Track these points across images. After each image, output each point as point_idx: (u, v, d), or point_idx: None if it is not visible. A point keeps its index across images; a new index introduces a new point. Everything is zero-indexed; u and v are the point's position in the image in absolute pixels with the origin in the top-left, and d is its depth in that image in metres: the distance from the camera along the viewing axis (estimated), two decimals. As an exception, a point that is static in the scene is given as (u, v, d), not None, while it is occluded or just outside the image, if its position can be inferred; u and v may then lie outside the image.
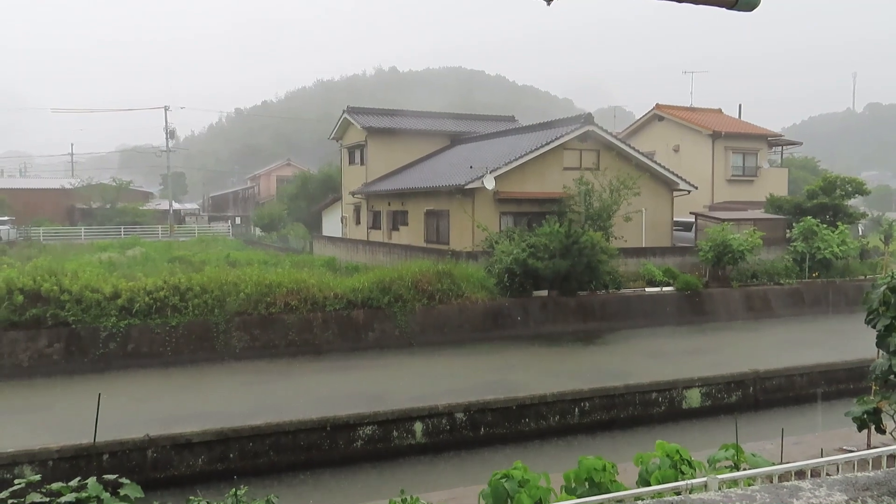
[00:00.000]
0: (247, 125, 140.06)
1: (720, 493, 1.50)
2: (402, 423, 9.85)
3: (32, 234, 53.06)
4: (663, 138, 36.74)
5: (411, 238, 29.00)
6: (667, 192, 27.58)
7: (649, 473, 5.07)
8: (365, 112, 36.42)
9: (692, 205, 29.86)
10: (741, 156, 35.69)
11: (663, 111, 37.27)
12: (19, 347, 15.00)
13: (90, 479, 4.25)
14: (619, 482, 4.94)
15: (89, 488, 4.16)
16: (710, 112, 38.70)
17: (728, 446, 5.51)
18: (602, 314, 20.04)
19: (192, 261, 27.04)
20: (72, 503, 4.09)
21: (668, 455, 5.17)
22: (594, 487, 4.95)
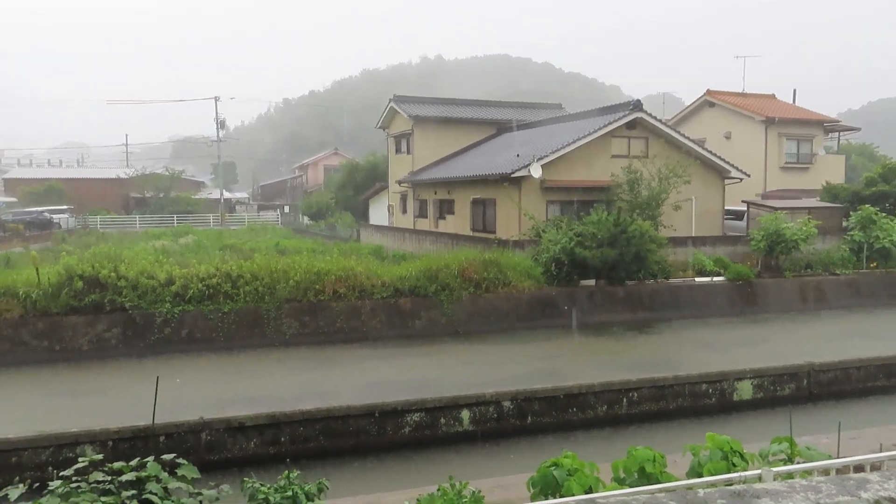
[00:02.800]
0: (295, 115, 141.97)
1: (784, 484, 1.47)
2: (450, 411, 9.91)
3: (90, 223, 54.93)
4: (714, 125, 35.87)
5: (458, 227, 29.03)
6: (718, 180, 26.96)
7: (700, 465, 5.01)
8: (411, 101, 36.51)
9: (744, 193, 29.11)
10: (795, 142, 34.62)
11: (714, 97, 36.37)
12: (79, 332, 15.57)
13: (149, 459, 4.39)
14: (669, 473, 4.89)
15: (148, 468, 4.31)
16: (762, 97, 37.61)
17: (781, 439, 5.39)
18: (650, 304, 19.75)
19: (242, 249, 27.62)
20: (132, 482, 4.23)
21: (720, 447, 5.10)
22: (644, 478, 4.91)
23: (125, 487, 4.13)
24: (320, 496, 4.73)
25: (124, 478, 4.19)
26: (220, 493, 4.29)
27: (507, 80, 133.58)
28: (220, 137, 65.27)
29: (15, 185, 67.41)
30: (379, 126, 39.19)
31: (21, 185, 65.49)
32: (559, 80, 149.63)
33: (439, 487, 5.06)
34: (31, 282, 15.95)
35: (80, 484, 4.03)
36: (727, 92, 37.11)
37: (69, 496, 3.90)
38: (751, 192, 30.38)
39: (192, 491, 4.24)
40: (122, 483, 4.17)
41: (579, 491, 4.75)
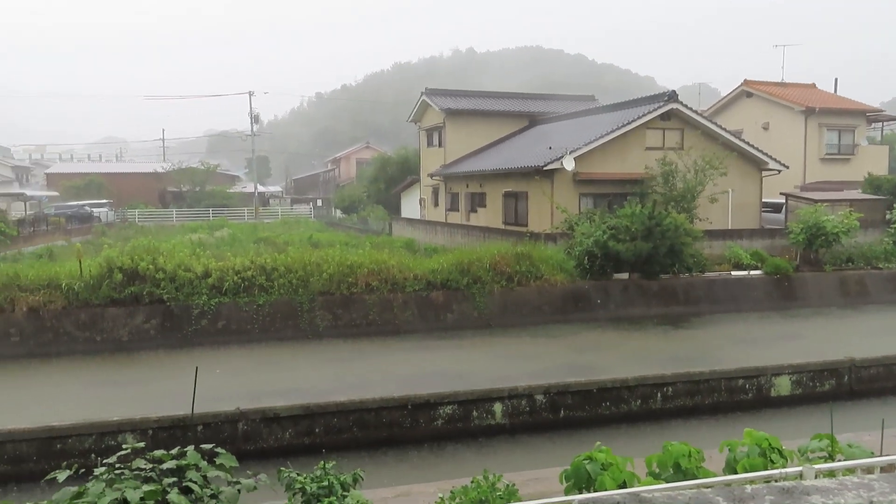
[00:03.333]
0: (327, 109, 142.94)
1: (834, 481, 1.44)
2: (482, 404, 9.92)
3: (128, 216, 56.07)
4: (752, 116, 35.19)
5: (489, 220, 28.98)
6: (755, 171, 26.46)
7: (737, 461, 4.94)
8: (443, 94, 36.47)
9: (782, 185, 28.55)
10: (837, 133, 33.81)
11: (752, 87, 35.66)
12: (119, 323, 15.93)
13: (189, 448, 4.48)
14: (705, 469, 4.84)
15: (188, 457, 4.39)
16: (802, 87, 36.76)
17: (821, 436, 5.29)
18: (685, 298, 19.50)
19: (276, 242, 27.96)
20: (173, 469, 4.32)
21: (757, 443, 5.02)
22: (679, 473, 4.86)
23: (166, 475, 4.22)
24: (355, 486, 4.78)
25: (165, 466, 4.28)
26: (257, 482, 4.36)
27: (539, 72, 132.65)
28: (254, 132, 66.01)
29: (57, 179, 69.14)
30: (411, 119, 39.25)
31: (62, 179, 67.15)
32: (592, 71, 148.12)
33: (473, 480, 5.07)
34: (73, 274, 16.36)
35: (123, 471, 4.13)
36: (765, 82, 36.36)
37: (113, 482, 3.99)
38: (789, 184, 29.79)
39: (230, 479, 4.31)
40: (163, 471, 4.26)
41: (613, 485, 4.73)
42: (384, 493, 6.55)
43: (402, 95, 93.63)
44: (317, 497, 4.53)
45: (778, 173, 26.89)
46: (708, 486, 4.10)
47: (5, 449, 8.55)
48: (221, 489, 4.23)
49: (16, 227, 30.90)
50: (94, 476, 4.06)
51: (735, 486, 4.07)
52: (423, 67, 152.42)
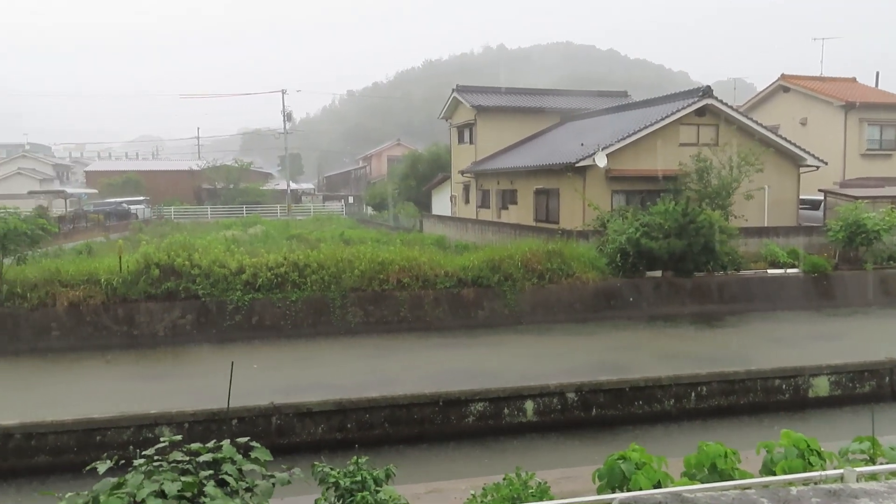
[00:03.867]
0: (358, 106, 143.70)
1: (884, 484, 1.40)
2: (513, 401, 9.90)
3: (164, 213, 57.08)
4: (789, 111, 34.46)
5: (520, 217, 28.88)
6: (792, 168, 25.94)
7: (774, 463, 4.85)
8: (474, 90, 36.42)
9: (821, 181, 27.91)
10: (878, 128, 32.92)
11: (789, 82, 34.92)
12: (156, 318, 16.24)
13: (224, 442, 4.54)
14: (742, 470, 4.76)
15: (224, 450, 4.45)
16: (842, 81, 35.87)
17: (862, 438, 5.17)
18: (720, 296, 19.20)
19: (308, 238, 28.19)
20: (209, 462, 4.39)
21: (795, 445, 4.93)
22: (715, 474, 4.80)
23: (202, 468, 4.28)
24: (388, 482, 4.81)
25: (201, 458, 4.35)
26: (291, 476, 4.40)
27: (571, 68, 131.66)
28: (286, 130, 66.67)
29: (95, 177, 70.69)
30: (442, 116, 39.26)
31: (101, 177, 68.62)
32: (625, 67, 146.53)
33: (505, 477, 5.07)
34: (112, 270, 16.71)
35: (161, 463, 4.21)
36: (803, 76, 35.57)
37: (151, 474, 4.07)
38: (828, 180, 29.10)
39: (264, 473, 4.37)
40: (199, 463, 4.32)
41: (647, 485, 4.68)
42: (416, 488, 6.58)
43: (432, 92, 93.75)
44: (350, 492, 4.56)
45: (816, 169, 26.32)
46: (747, 487, 4.03)
47: (47, 440, 8.77)
48: (256, 482, 4.28)
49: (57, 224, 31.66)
50: (133, 468, 4.15)
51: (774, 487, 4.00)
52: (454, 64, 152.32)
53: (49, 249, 22.36)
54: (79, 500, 3.88)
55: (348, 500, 4.53)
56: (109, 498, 3.83)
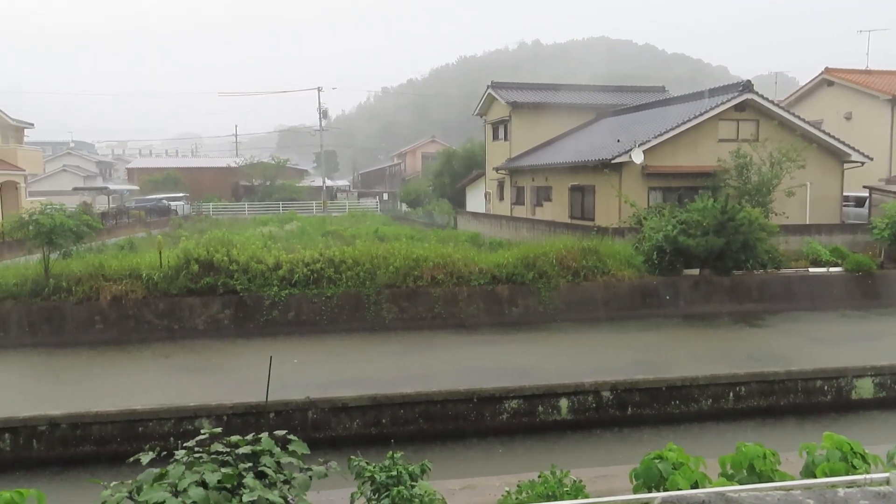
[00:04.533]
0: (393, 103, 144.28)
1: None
2: (548, 399, 9.86)
3: (203, 209, 58.07)
4: (833, 105, 33.60)
5: (555, 214, 28.72)
6: (836, 164, 25.29)
7: (816, 465, 4.76)
8: (509, 87, 36.28)
9: (866, 178, 27.17)
10: (928, 122, 31.87)
11: (833, 75, 34.04)
12: (195, 312, 16.55)
13: (263, 435, 4.62)
14: (782, 471, 4.68)
15: (263, 443, 4.53)
16: (889, 74, 34.81)
17: (909, 442, 5.04)
18: (759, 295, 18.84)
19: (343, 235, 28.46)
20: (248, 455, 4.47)
21: (838, 447, 4.82)
22: (754, 475, 4.72)
23: (242, 460, 4.37)
24: (423, 477, 4.84)
25: (241, 451, 4.43)
26: (328, 470, 4.46)
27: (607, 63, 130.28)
28: (322, 126, 67.28)
29: (137, 174, 72.31)
30: (476, 113, 39.22)
31: (142, 174, 70.17)
32: (662, 61, 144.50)
33: (540, 475, 5.06)
34: (153, 265, 17.08)
35: (202, 454, 4.30)
36: (848, 69, 34.64)
37: (192, 465, 4.16)
38: (873, 177, 28.31)
39: (302, 466, 4.43)
40: (238, 455, 4.41)
41: (685, 485, 4.62)
42: (450, 484, 6.60)
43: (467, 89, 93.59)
44: (385, 486, 4.61)
45: (861, 165, 25.62)
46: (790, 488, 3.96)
47: (92, 430, 9.02)
48: (294, 475, 4.35)
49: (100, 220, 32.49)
50: (174, 459, 4.25)
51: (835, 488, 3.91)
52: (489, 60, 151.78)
53: (93, 245, 22.94)
54: (123, 489, 3.99)
55: (384, 494, 4.58)
56: (152, 487, 3.93)
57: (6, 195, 41.54)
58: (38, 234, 16.77)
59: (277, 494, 3.97)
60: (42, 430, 8.92)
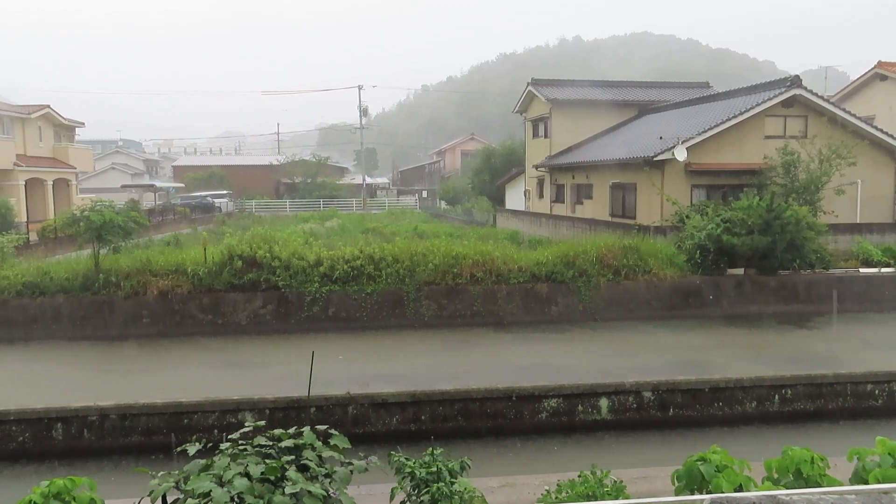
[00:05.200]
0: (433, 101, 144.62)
1: None
2: (587, 398, 9.78)
3: (246, 206, 59.06)
4: (886, 101, 32.49)
5: (595, 212, 28.44)
6: (889, 161, 24.49)
7: (867, 471, 4.62)
8: (549, 84, 36.02)
9: (921, 175, 26.22)
10: None
11: (886, 69, 32.92)
12: (239, 308, 16.86)
13: (305, 429, 4.69)
14: (830, 476, 4.56)
15: (304, 436, 4.60)
16: (948, 67, 33.54)
17: (967, 449, 4.85)
18: (807, 296, 18.37)
19: (383, 232, 28.63)
20: (290, 448, 4.54)
21: (890, 453, 4.68)
22: (801, 480, 4.61)
23: (284, 453, 4.44)
24: (462, 474, 4.85)
25: (283, 444, 4.51)
26: (368, 465, 4.51)
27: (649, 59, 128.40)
28: (362, 124, 67.79)
29: (182, 171, 73.87)
30: (516, 110, 39.04)
31: (187, 171, 71.64)
32: (706, 56, 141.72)
33: (580, 474, 5.03)
34: (198, 261, 17.45)
35: (245, 447, 4.38)
36: (902, 63, 33.46)
37: (237, 457, 4.25)
38: (929, 174, 27.32)
39: (342, 460, 4.48)
40: (281, 449, 4.48)
41: (729, 488, 4.54)
42: (489, 482, 6.60)
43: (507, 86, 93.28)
44: (425, 482, 4.63)
45: (916, 163, 24.78)
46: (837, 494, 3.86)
47: (139, 421, 9.27)
48: (335, 469, 4.40)
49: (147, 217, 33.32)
50: (219, 450, 4.34)
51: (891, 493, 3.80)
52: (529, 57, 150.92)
53: (140, 241, 23.54)
54: (170, 479, 4.09)
55: (424, 490, 4.60)
56: (198, 477, 4.02)
57: (59, 192, 42.89)
58: (89, 231, 17.27)
59: (319, 487, 4.02)
60: (92, 420, 9.20)
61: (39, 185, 40.65)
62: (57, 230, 28.21)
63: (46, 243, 27.53)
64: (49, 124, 44.04)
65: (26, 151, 40.25)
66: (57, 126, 45.24)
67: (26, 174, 38.64)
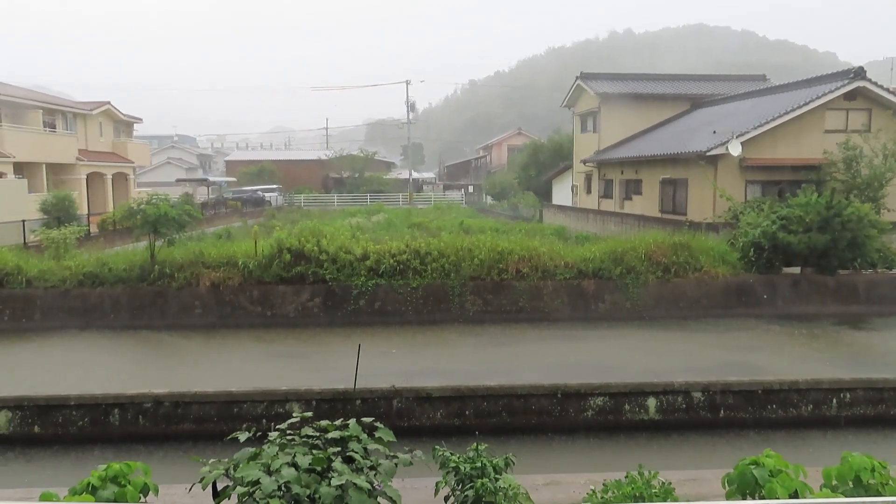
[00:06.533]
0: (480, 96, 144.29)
1: None
2: (635, 398, 9.61)
3: (295, 200, 59.98)
4: (956, 93, 31.08)
5: (645, 208, 27.97)
6: (959, 156, 23.38)
7: (931, 481, 4.42)
8: (598, 77, 35.54)
9: None
10: None
11: (957, 61, 31.46)
12: (287, 300, 17.12)
13: (351, 421, 4.72)
14: (893, 486, 4.37)
15: (350, 428, 4.63)
16: None
17: None
18: (868, 296, 17.70)
19: (429, 227, 28.69)
20: (336, 439, 4.58)
21: (958, 463, 4.46)
22: (860, 488, 4.44)
23: (330, 444, 4.48)
24: (507, 470, 4.81)
25: (330, 435, 4.55)
26: (413, 458, 4.51)
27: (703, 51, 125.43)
28: (409, 119, 68.06)
29: (234, 166, 75.47)
30: (564, 105, 38.64)
31: (239, 166, 73.17)
32: (763, 48, 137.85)
33: (627, 474, 4.93)
34: (248, 253, 17.78)
35: (293, 437, 4.44)
36: (974, 54, 31.89)
37: (285, 447, 4.30)
38: None
39: (387, 453, 4.50)
40: (327, 440, 4.52)
41: (783, 494, 4.40)
42: (534, 479, 6.54)
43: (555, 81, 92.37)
44: (470, 477, 4.61)
45: None
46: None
47: (192, 409, 9.49)
48: (380, 461, 4.42)
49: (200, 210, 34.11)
50: (268, 440, 4.41)
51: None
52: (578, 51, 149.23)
53: (193, 233, 24.12)
54: (221, 467, 4.17)
55: (468, 485, 4.58)
56: (247, 465, 4.09)
57: (118, 186, 44.30)
58: (145, 223, 17.77)
59: (364, 479, 4.05)
60: (147, 406, 9.46)
61: (100, 179, 42.06)
62: (115, 223, 29.13)
63: (106, 235, 28.47)
64: (109, 120, 45.51)
65: (88, 146, 41.70)
66: (116, 122, 46.71)
67: (87, 168, 40.03)
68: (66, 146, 38.13)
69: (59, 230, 20.81)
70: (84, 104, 42.98)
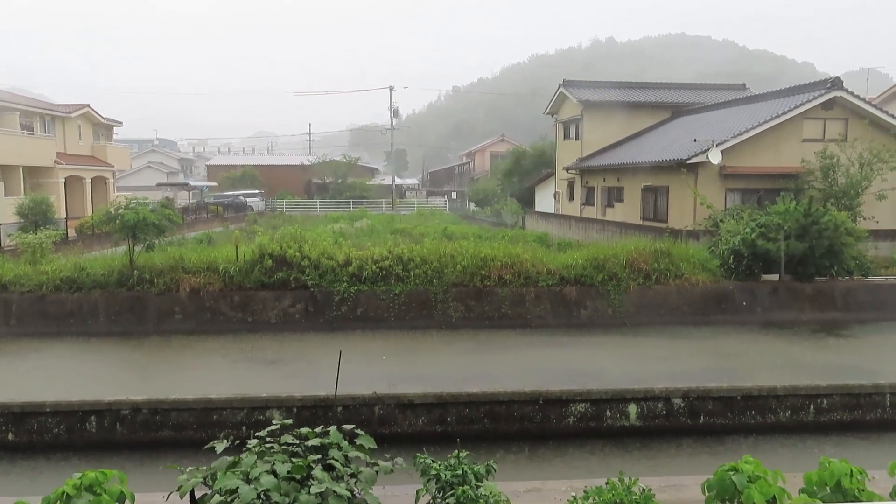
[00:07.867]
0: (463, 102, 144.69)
1: None
2: (616, 404, 9.65)
3: (277, 206, 59.68)
4: (930, 104, 31.66)
5: (626, 215, 28.16)
6: (933, 166, 23.80)
7: (907, 486, 4.47)
8: (581, 85, 35.79)
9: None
10: None
11: (931, 72, 32.07)
12: (268, 306, 17.00)
13: (332, 428, 4.69)
14: (870, 491, 4.42)
15: (331, 436, 4.60)
16: None
17: None
18: (845, 304, 17.93)
19: (412, 233, 28.66)
20: (317, 447, 4.55)
21: (933, 468, 4.51)
22: (839, 493, 4.48)
23: (310, 452, 4.45)
24: (488, 477, 4.81)
25: (310, 442, 4.51)
26: (394, 466, 4.49)
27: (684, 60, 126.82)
28: (393, 126, 68.04)
29: (216, 171, 74.99)
30: (547, 112, 38.85)
31: (221, 171, 72.71)
32: (742, 58, 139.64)
33: (608, 481, 4.95)
34: (229, 259, 17.65)
35: (272, 445, 4.40)
36: (947, 66, 32.54)
37: (264, 455, 4.26)
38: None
39: (368, 461, 4.47)
40: (307, 447, 4.49)
41: (761, 500, 4.43)
42: (515, 486, 6.54)
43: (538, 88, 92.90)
44: (451, 485, 4.60)
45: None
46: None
47: (170, 416, 9.38)
48: (361, 469, 4.40)
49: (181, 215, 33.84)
50: (247, 448, 4.36)
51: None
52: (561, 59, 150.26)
53: (174, 238, 23.89)
54: (199, 475, 4.12)
55: (449, 493, 4.57)
56: (226, 475, 4.05)
57: (97, 190, 43.82)
58: (124, 228, 17.56)
59: (344, 487, 4.02)
60: (125, 414, 9.34)
61: (78, 183, 41.57)
62: (94, 227, 28.80)
63: (84, 239, 28.12)
64: (88, 123, 45.01)
65: (66, 149, 41.20)
66: (96, 125, 46.21)
67: (66, 172, 39.54)
68: (43, 149, 37.66)
69: (36, 234, 20.53)
70: (63, 107, 42.50)
